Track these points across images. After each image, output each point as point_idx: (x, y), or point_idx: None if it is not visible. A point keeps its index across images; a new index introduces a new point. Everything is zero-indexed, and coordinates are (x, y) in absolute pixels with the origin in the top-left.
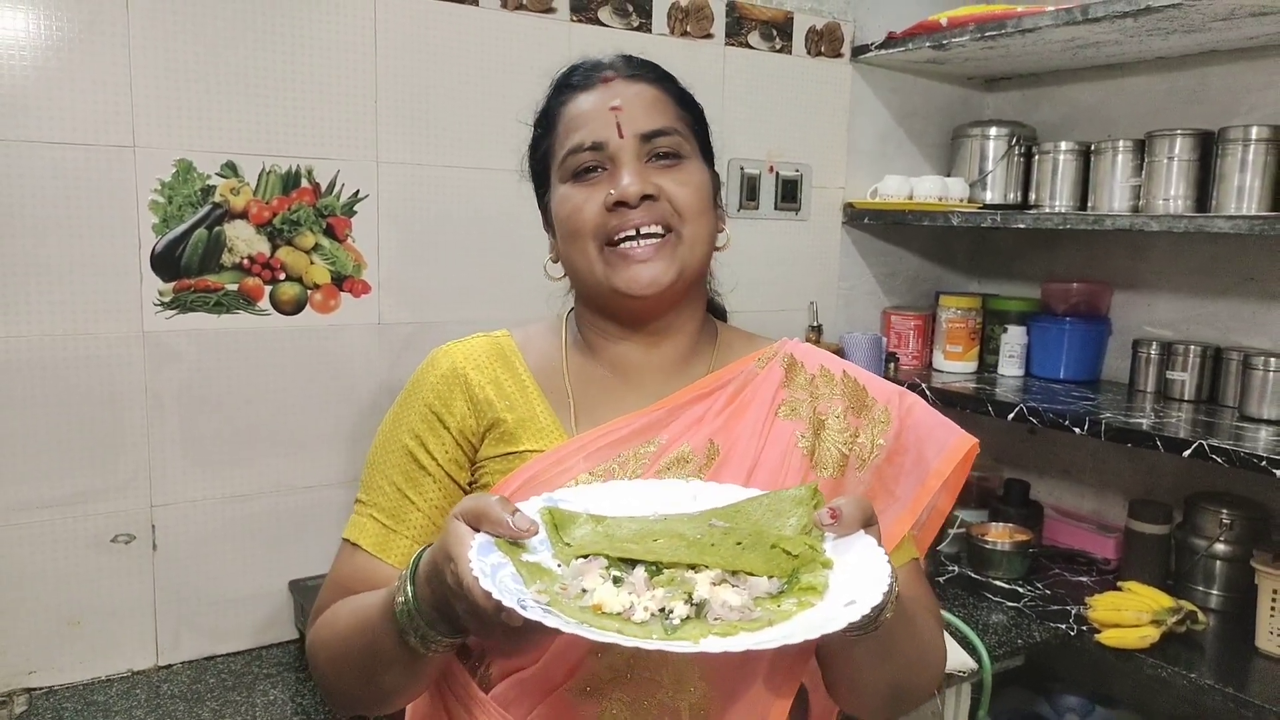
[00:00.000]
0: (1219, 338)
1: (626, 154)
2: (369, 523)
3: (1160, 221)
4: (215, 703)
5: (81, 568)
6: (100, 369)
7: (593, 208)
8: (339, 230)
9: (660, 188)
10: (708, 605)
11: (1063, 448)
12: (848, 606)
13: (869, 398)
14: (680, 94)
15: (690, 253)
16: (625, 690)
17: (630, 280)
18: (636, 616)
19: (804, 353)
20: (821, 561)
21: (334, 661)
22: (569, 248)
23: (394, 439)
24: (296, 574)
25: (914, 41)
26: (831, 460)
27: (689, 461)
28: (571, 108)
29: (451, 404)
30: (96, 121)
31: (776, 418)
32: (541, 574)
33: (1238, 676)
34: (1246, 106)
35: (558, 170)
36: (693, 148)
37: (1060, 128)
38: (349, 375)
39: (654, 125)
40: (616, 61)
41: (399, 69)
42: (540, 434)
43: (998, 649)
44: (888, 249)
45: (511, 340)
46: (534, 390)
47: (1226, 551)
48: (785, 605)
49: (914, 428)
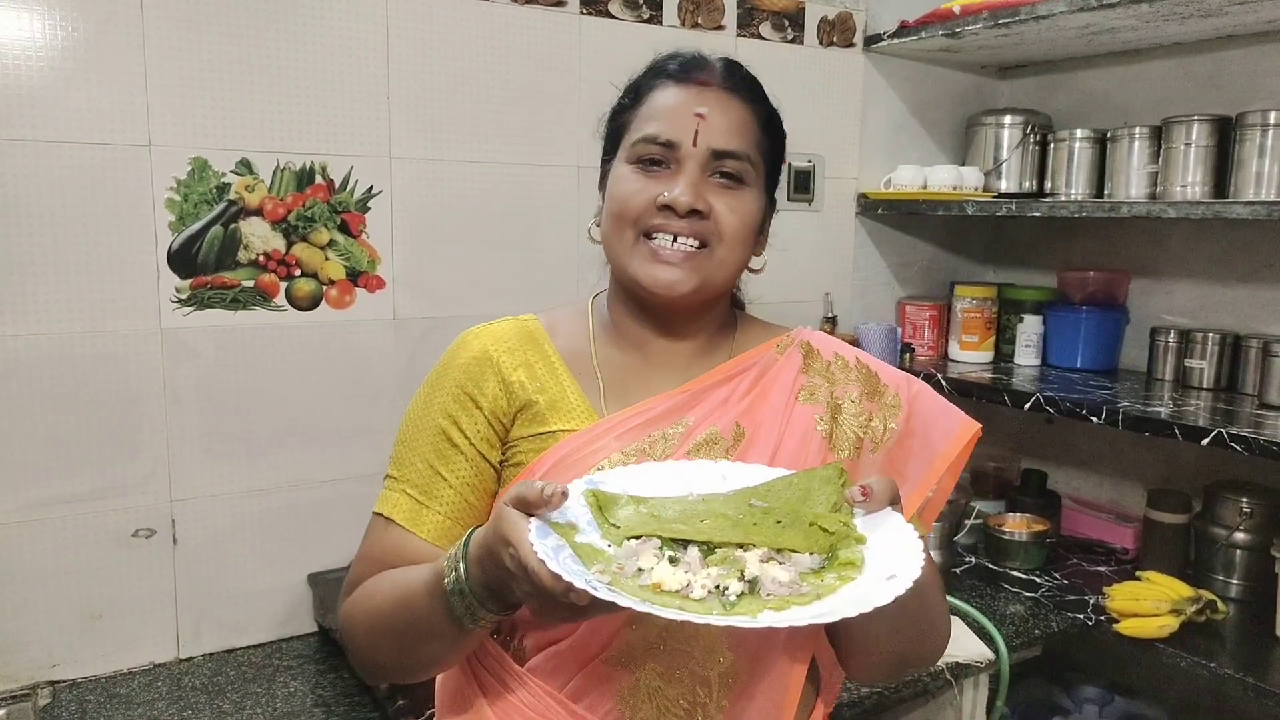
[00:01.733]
0: (1238, 325)
1: (694, 163)
2: (401, 498)
3: (1178, 208)
4: (236, 694)
5: (103, 562)
6: (119, 366)
7: (643, 199)
8: (353, 226)
9: (711, 207)
10: (759, 582)
11: (1080, 437)
12: (890, 580)
13: (881, 384)
14: (768, 119)
15: (718, 271)
16: (658, 660)
17: (651, 277)
18: (694, 594)
19: (819, 340)
20: (855, 538)
21: (372, 634)
22: (611, 226)
23: (426, 418)
24: (315, 567)
25: (927, 30)
26: (848, 443)
27: (717, 443)
28: (660, 95)
29: (483, 385)
30: (112, 121)
31: (797, 402)
32: (597, 555)
33: (1258, 666)
34: (1265, 91)
35: (628, 148)
36: (758, 175)
37: (1076, 115)
38: (365, 370)
39: (728, 146)
40: (719, 67)
41: (411, 65)
42: (571, 414)
43: (1015, 639)
44: (902, 239)
45: (539, 324)
46: (564, 372)
47: (1247, 540)
48: (828, 580)
49: (921, 413)
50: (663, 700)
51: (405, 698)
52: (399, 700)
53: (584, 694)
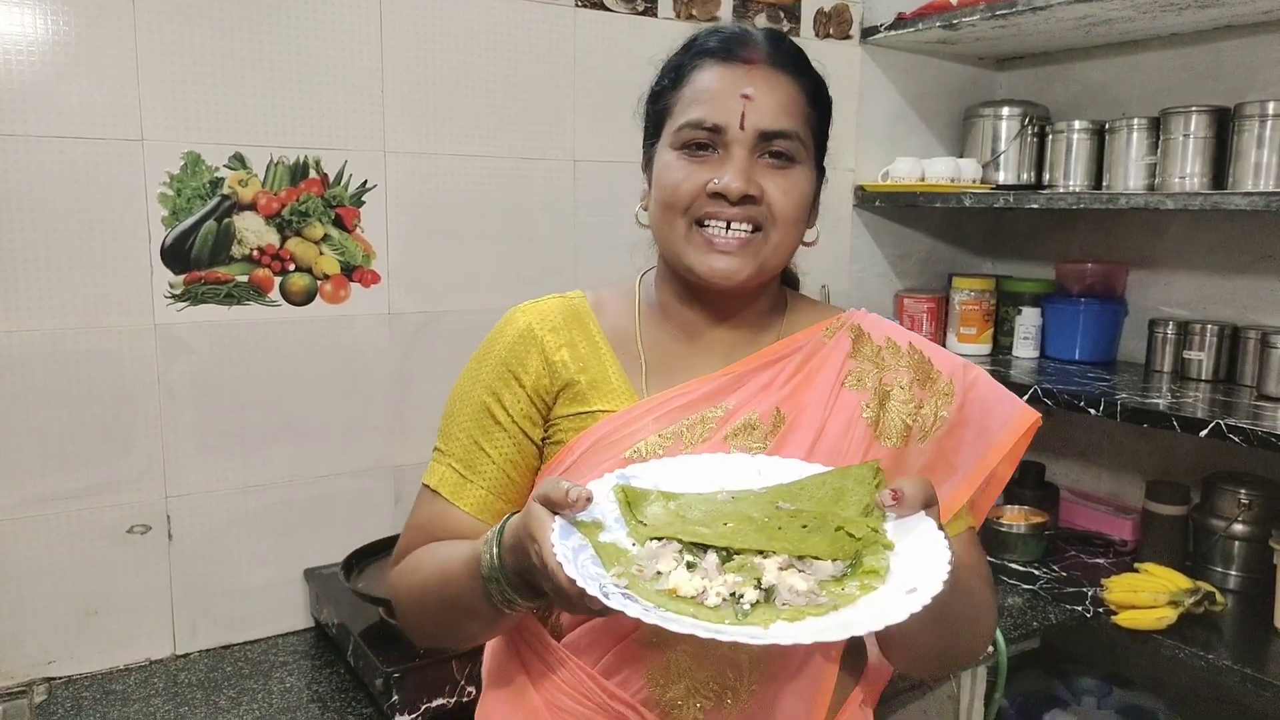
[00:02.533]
0: (1236, 316)
1: (741, 146)
2: (447, 471)
3: (1176, 200)
4: (232, 690)
5: (98, 559)
6: (113, 362)
7: (692, 186)
8: (348, 220)
9: (764, 190)
10: (776, 590)
11: (1079, 429)
12: (909, 594)
13: (934, 370)
14: (815, 91)
15: (774, 254)
16: (690, 643)
17: (708, 267)
18: (709, 601)
19: (871, 323)
20: (884, 543)
21: (416, 605)
22: (660, 215)
23: (471, 394)
24: (311, 563)
25: (924, 22)
26: (895, 431)
27: (756, 428)
28: (704, 75)
29: (527, 363)
30: (104, 115)
31: (843, 388)
32: (619, 555)
33: (1256, 657)
34: (1262, 81)
35: (672, 133)
36: (808, 152)
37: (1073, 107)
38: (360, 365)
39: (777, 126)
40: (763, 43)
41: (405, 58)
42: (612, 395)
43: (1013, 631)
44: (900, 231)
45: (585, 301)
46: (607, 351)
47: (1245, 532)
48: (848, 588)
49: (978, 401)
50: (693, 681)
51: (400, 692)
52: (394, 695)
53: (616, 671)
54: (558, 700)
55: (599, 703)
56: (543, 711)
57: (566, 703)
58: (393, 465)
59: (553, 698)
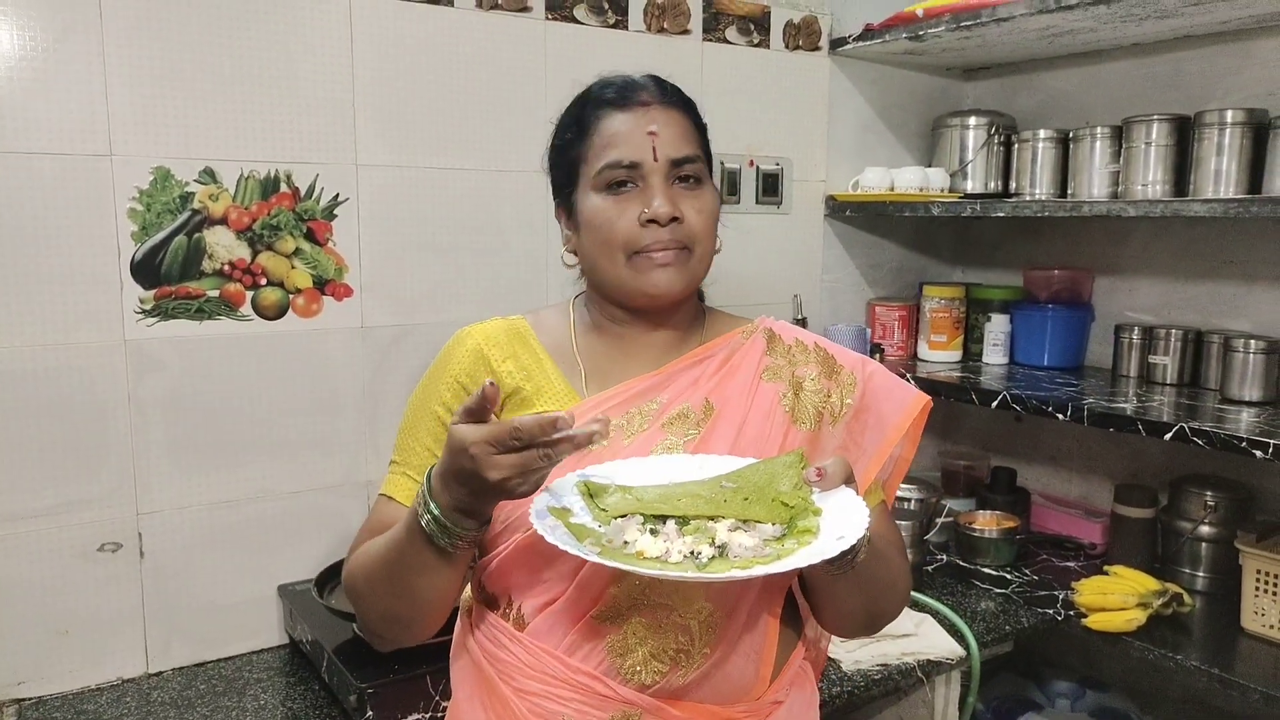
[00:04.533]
0: (1200, 321)
1: (658, 175)
2: (403, 479)
3: (1138, 207)
4: (206, 709)
5: (69, 577)
6: (83, 378)
7: (626, 223)
8: (319, 234)
9: (684, 212)
10: (728, 547)
11: (1048, 434)
12: (838, 540)
13: (838, 364)
14: (699, 120)
15: (699, 266)
16: (643, 614)
17: (651, 285)
18: (673, 559)
19: (781, 328)
20: (813, 510)
21: (370, 581)
22: (597, 252)
23: (425, 408)
24: (285, 579)
25: (891, 33)
26: (809, 416)
27: (689, 417)
28: (609, 123)
29: (476, 377)
30: (72, 131)
31: (762, 380)
32: (589, 532)
33: (1224, 657)
34: (1222, 90)
35: (591, 178)
36: (708, 172)
37: (1039, 116)
38: (333, 379)
39: (683, 152)
40: (651, 86)
41: (375, 72)
42: (555, 397)
43: (986, 635)
44: (871, 240)
45: (525, 322)
46: (548, 362)
47: (1211, 533)
48: (787, 544)
49: (875, 391)
50: (649, 649)
51: (374, 708)
52: (368, 712)
53: (578, 648)
54: (525, 686)
55: (565, 679)
56: (512, 700)
57: (535, 687)
58: (366, 480)
59: (521, 685)
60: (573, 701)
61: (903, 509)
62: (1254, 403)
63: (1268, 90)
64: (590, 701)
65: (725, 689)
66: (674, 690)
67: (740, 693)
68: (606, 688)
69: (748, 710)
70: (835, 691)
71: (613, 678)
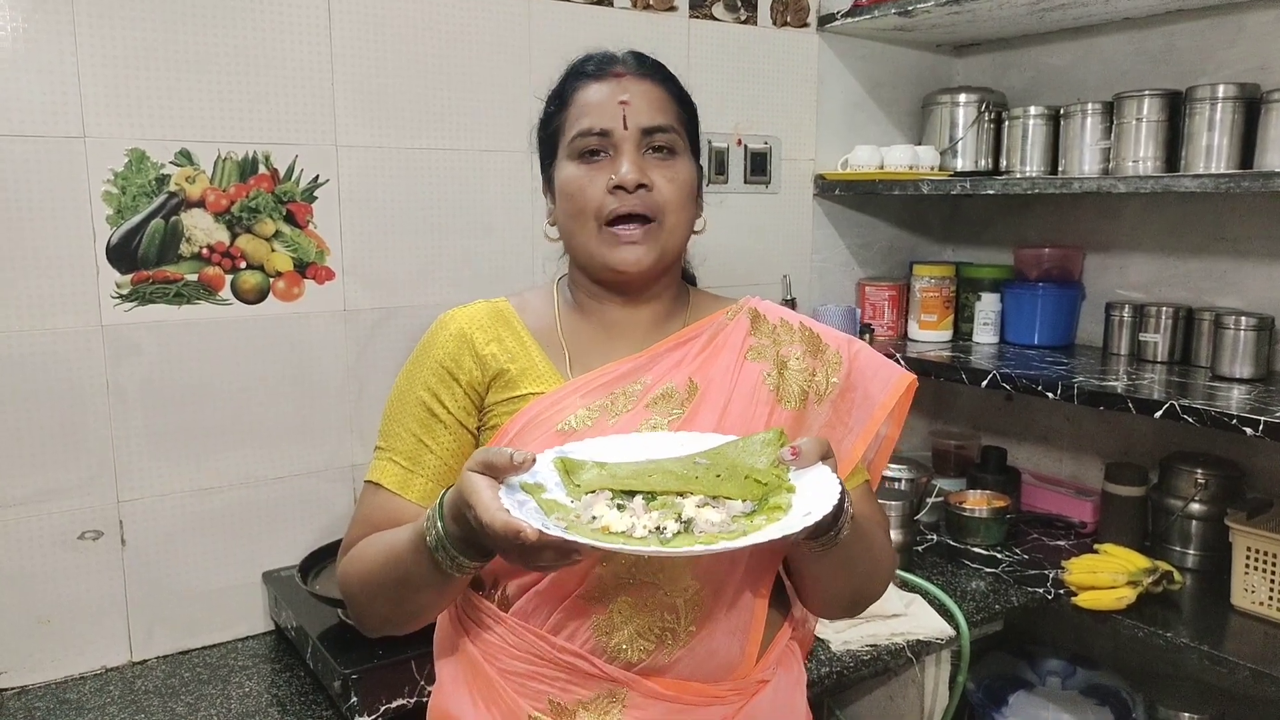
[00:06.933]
0: (1191, 298)
1: (628, 144)
2: (389, 465)
3: (1129, 183)
4: (190, 697)
5: (49, 566)
6: (60, 364)
7: (595, 189)
8: (300, 217)
9: (653, 181)
10: (694, 523)
11: (1039, 413)
12: (805, 516)
13: (823, 343)
14: (680, 95)
15: (670, 239)
16: (629, 593)
17: (619, 258)
18: (637, 533)
19: (765, 307)
20: (787, 487)
21: (366, 590)
22: (571, 222)
23: (410, 393)
24: (269, 565)
25: (880, 9)
26: (794, 395)
27: (673, 397)
28: (584, 94)
29: (461, 361)
30: (44, 112)
31: (746, 360)
32: (559, 508)
33: (1214, 634)
34: (1214, 65)
35: (566, 147)
36: (684, 145)
37: (1030, 92)
38: (315, 363)
39: (654, 122)
40: (629, 58)
41: (355, 50)
42: (540, 379)
43: (977, 614)
44: (861, 220)
45: (509, 304)
46: (532, 344)
47: (1201, 511)
48: (757, 521)
49: (860, 369)
50: (635, 627)
51: (359, 694)
52: (353, 697)
53: (563, 627)
54: (511, 666)
55: (550, 659)
56: (497, 680)
57: (520, 666)
58: (350, 464)
59: (506, 665)
60: (558, 680)
61: (893, 489)
62: (1245, 380)
63: (1260, 64)
64: (576, 680)
65: (711, 667)
66: (660, 668)
67: (726, 671)
68: (592, 666)
69: (734, 689)
70: (824, 672)
71: (599, 656)
